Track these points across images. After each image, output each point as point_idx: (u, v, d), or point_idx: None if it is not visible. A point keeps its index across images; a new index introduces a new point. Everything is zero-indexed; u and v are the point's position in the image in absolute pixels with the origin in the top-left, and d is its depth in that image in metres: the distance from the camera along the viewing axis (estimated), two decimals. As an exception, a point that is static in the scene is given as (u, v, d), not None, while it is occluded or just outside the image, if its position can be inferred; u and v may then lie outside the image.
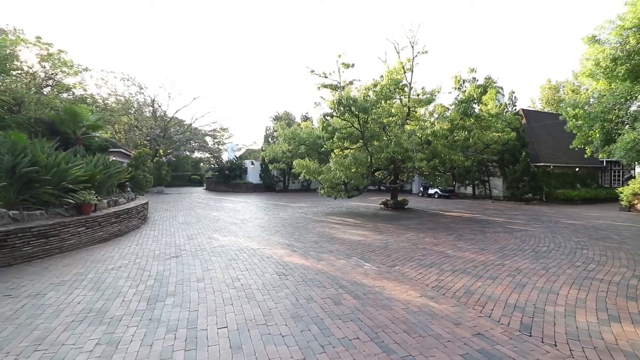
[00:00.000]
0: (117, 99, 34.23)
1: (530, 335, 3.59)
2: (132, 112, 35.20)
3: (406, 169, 14.10)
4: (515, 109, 26.38)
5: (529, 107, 35.66)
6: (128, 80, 35.11)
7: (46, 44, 17.84)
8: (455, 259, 6.87)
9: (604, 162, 23.66)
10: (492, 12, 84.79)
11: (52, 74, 19.10)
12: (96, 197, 8.66)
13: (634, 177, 14.12)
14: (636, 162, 13.76)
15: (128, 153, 19.68)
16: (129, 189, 14.90)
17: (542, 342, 3.46)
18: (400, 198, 16.92)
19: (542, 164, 21.24)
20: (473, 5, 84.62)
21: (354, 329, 3.70)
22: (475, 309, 4.30)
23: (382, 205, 16.88)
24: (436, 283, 5.32)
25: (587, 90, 34.04)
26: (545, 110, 32.41)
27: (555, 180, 21.55)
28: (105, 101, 33.15)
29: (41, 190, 7.43)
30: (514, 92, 23.04)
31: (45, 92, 18.99)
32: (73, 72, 19.70)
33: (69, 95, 22.35)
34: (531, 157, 20.75)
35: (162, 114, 35.79)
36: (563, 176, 22.14)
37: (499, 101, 18.91)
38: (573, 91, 33.71)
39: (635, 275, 5.74)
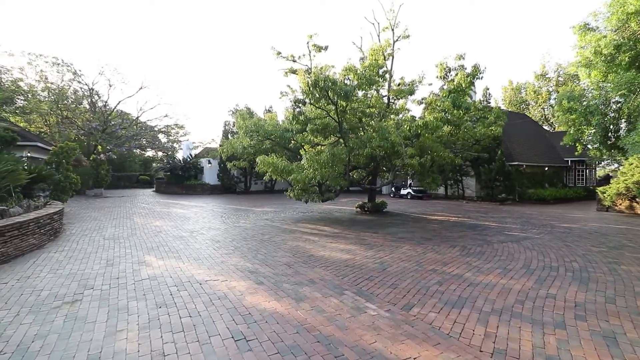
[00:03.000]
0: (46, 85, 29.29)
1: None
2: (67, 102, 30.32)
3: (392, 167, 12.27)
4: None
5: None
6: (61, 65, 30.23)
7: None
8: (483, 288, 5.04)
9: (569, 161, 23.89)
10: (455, 12, 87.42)
11: None
12: (-45, 208, 5.76)
13: (616, 177, 13.51)
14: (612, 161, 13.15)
15: (48, 148, 15.90)
16: (40, 194, 11.62)
17: None
18: (378, 200, 15.20)
19: (515, 163, 20.72)
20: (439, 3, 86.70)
21: None
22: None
23: (358, 209, 15.00)
24: (490, 343, 3.38)
25: (548, 91, 35.38)
26: (509, 111, 32.76)
27: (527, 180, 21.18)
28: (33, 88, 28.24)
29: None
30: (488, 89, 22.24)
31: None
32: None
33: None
34: (505, 156, 20.10)
35: (103, 104, 31.25)
36: (533, 176, 21.85)
37: (471, 97, 17.88)
38: (535, 92, 34.58)
39: None
